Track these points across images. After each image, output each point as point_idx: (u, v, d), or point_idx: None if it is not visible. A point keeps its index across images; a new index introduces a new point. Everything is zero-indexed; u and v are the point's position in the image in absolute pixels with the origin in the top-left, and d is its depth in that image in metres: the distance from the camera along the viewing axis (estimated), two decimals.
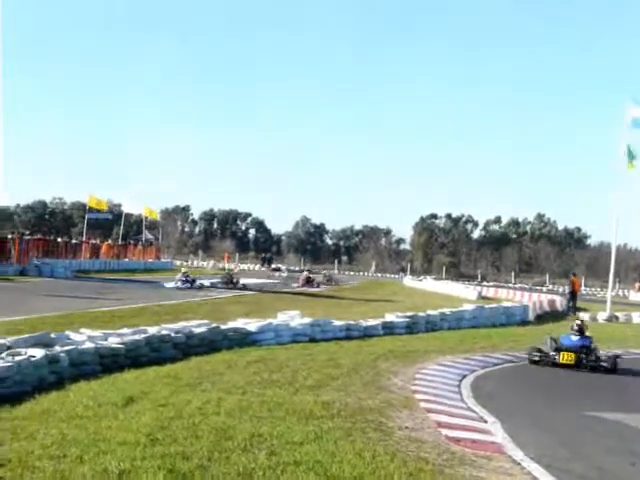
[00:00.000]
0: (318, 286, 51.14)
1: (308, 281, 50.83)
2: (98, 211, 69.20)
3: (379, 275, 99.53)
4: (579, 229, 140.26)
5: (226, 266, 79.25)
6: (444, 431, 10.40)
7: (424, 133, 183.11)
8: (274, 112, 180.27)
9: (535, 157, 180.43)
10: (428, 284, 65.70)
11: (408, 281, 73.02)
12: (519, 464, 9.18)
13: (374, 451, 8.81)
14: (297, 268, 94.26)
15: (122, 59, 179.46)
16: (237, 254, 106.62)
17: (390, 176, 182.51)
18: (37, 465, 7.28)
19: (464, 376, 16.11)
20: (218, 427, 9.26)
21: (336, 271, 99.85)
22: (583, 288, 67.05)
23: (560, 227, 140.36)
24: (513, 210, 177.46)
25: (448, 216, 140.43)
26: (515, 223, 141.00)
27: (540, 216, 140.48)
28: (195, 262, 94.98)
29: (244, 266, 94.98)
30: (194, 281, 42.34)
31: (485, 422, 11.51)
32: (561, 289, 73.62)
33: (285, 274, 67.03)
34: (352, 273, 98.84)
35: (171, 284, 41.20)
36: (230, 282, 44.08)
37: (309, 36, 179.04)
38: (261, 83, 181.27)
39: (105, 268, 56.66)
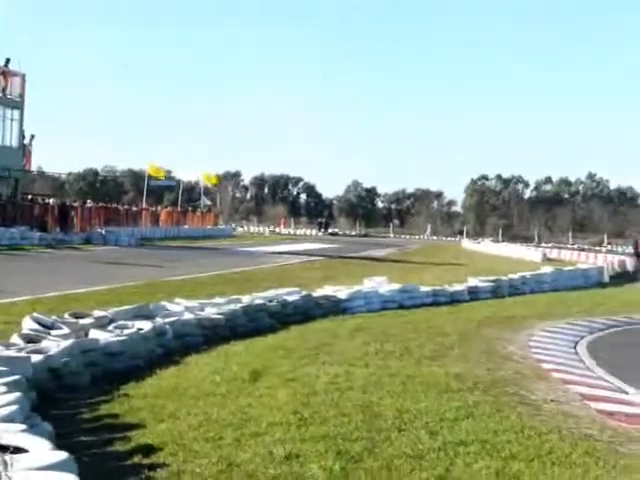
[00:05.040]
0: None
1: None
2: (156, 179, 69.32)
3: (434, 238, 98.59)
4: (632, 188, 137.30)
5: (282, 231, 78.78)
6: (592, 404, 9.81)
7: (472, 95, 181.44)
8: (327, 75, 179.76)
9: (583, 115, 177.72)
10: (487, 247, 65.10)
11: (466, 244, 72.41)
12: None
13: (536, 428, 8.25)
14: (353, 232, 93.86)
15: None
16: (292, 219, 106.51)
17: (440, 138, 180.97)
18: (197, 449, 6.81)
19: (576, 342, 15.57)
20: (361, 404, 8.75)
21: (392, 235, 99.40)
22: None
23: (612, 186, 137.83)
24: (563, 170, 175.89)
25: (498, 177, 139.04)
26: (566, 183, 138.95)
27: (591, 175, 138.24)
28: (251, 228, 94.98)
29: (299, 231, 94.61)
30: None
31: (626, 393, 10.92)
32: (620, 249, 72.73)
33: None
34: (408, 237, 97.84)
35: None
36: None
37: None
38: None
39: (166, 235, 56.53)
